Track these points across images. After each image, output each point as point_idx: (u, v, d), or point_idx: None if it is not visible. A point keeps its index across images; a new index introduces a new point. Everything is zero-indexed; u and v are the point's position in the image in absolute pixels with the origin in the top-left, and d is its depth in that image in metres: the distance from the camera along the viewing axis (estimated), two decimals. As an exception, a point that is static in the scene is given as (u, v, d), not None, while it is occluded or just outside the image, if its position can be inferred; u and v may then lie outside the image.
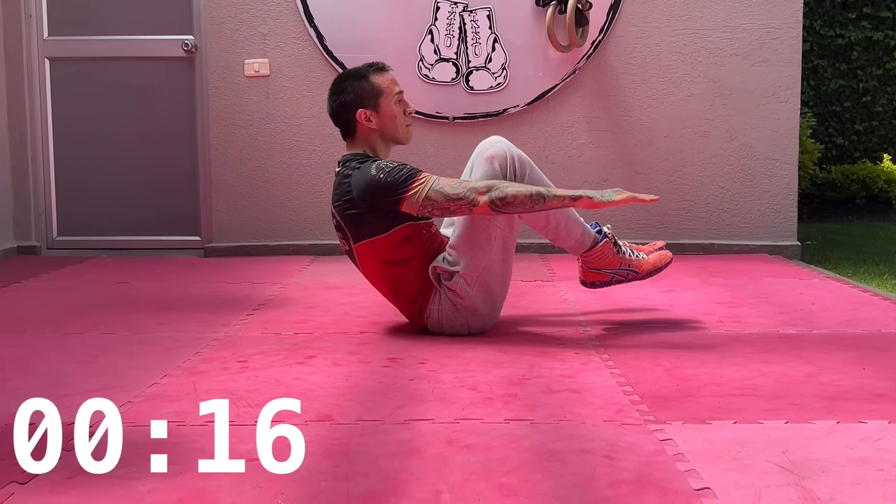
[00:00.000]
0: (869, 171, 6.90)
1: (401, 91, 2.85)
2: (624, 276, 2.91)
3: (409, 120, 2.88)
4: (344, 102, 2.82)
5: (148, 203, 4.88)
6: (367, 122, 2.80)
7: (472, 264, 2.73)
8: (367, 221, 2.72)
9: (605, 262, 2.89)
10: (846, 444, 1.80)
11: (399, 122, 2.84)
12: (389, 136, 2.85)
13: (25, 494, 1.59)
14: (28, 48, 4.79)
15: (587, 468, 1.68)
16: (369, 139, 2.84)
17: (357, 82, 2.82)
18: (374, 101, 2.80)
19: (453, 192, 2.62)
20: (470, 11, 4.61)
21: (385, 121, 2.82)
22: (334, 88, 2.86)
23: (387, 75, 2.85)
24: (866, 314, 3.10)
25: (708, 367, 2.42)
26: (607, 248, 2.89)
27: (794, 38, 4.62)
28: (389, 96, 2.82)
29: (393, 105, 2.82)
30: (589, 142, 4.70)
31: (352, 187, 2.70)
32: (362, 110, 2.79)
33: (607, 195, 2.64)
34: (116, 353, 2.64)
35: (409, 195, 2.63)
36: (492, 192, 2.59)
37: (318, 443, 1.83)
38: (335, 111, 2.85)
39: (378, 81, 2.82)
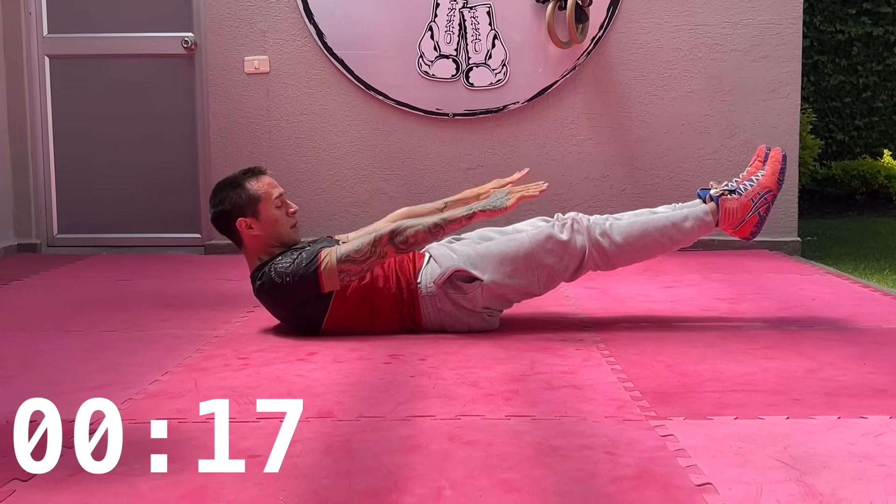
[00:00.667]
0: (869, 166, 6.90)
1: (281, 193, 2.81)
2: (764, 202, 2.82)
3: (293, 220, 2.84)
4: (222, 213, 2.79)
5: (148, 200, 4.88)
6: (248, 229, 2.77)
7: (499, 284, 2.73)
8: (311, 311, 2.73)
9: (738, 214, 2.82)
10: (847, 439, 1.80)
11: (282, 224, 2.79)
12: (276, 240, 2.80)
13: (27, 491, 1.59)
14: (28, 46, 4.79)
15: (588, 464, 1.68)
16: (258, 247, 2.80)
17: (233, 192, 2.77)
18: (253, 208, 2.76)
19: (358, 255, 2.65)
20: (470, 8, 4.60)
21: (267, 226, 2.77)
22: (212, 200, 2.82)
23: (264, 179, 2.81)
24: (867, 310, 3.10)
25: (709, 362, 2.42)
26: (729, 204, 2.81)
27: (795, 34, 4.61)
28: (268, 201, 2.77)
29: (273, 210, 2.77)
30: (589, 138, 4.70)
31: (273, 303, 2.75)
32: (242, 219, 2.76)
33: (498, 202, 2.68)
34: (117, 350, 2.64)
35: (323, 278, 2.65)
36: (395, 240, 2.64)
37: (319, 439, 1.83)
38: (215, 222, 2.83)
39: (254, 188, 2.77)
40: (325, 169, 4.71)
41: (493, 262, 2.74)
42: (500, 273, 2.73)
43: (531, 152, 4.70)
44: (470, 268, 2.73)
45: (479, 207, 2.69)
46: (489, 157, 4.70)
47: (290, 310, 2.74)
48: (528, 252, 2.75)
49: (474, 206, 2.69)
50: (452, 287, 2.74)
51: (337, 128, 4.71)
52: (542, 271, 2.76)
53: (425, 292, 2.75)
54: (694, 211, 2.84)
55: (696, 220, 2.83)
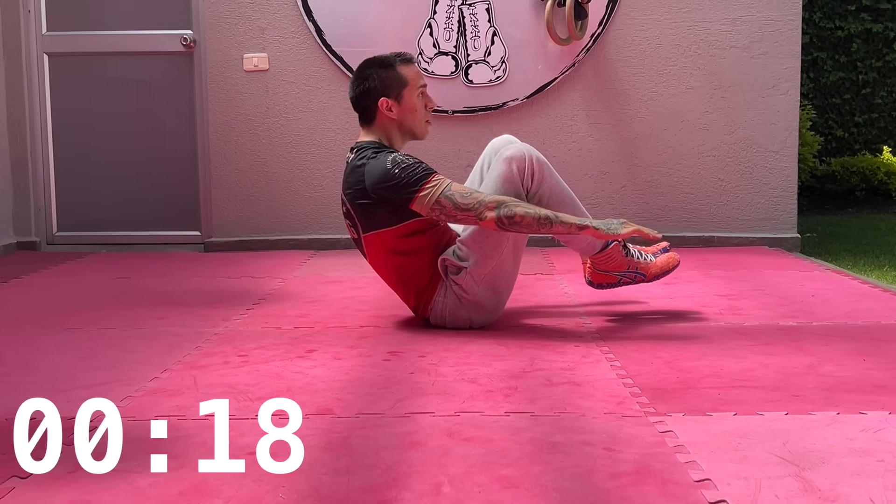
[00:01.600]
0: (869, 163, 6.90)
1: (424, 84, 2.84)
2: (631, 279, 2.92)
3: (429, 115, 2.87)
4: (367, 89, 2.79)
5: (148, 198, 4.88)
6: (388, 111, 2.79)
7: (481, 262, 2.72)
8: (377, 212, 2.71)
9: (613, 264, 2.89)
10: (846, 434, 1.80)
11: (419, 115, 2.83)
12: (408, 129, 2.84)
13: (27, 488, 1.59)
14: (27, 43, 4.78)
15: (588, 460, 1.68)
16: (387, 129, 2.82)
17: (383, 70, 2.80)
18: (398, 91, 2.78)
19: (463, 202, 2.60)
20: (469, 5, 4.60)
21: (406, 112, 2.80)
22: (359, 74, 2.83)
23: (413, 67, 2.84)
24: (866, 306, 3.10)
25: (708, 358, 2.42)
26: (616, 252, 2.88)
27: (794, 31, 4.61)
28: (413, 88, 2.80)
29: (416, 98, 2.80)
30: (588, 135, 4.70)
31: (365, 177, 2.69)
32: (385, 99, 2.77)
33: (613, 227, 2.60)
34: (117, 347, 2.65)
35: (420, 195, 2.62)
36: (500, 209, 2.57)
37: (318, 436, 1.84)
38: (357, 97, 2.83)
39: (404, 72, 2.80)
40: (325, 166, 4.71)
41: (470, 244, 2.71)
42: (479, 252, 2.71)
43: (530, 149, 4.69)
44: (454, 258, 2.74)
45: (594, 223, 2.61)
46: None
47: (372, 196, 2.67)
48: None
49: (590, 221, 2.63)
50: (452, 282, 2.75)
51: (336, 125, 4.71)
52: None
53: (444, 281, 2.78)
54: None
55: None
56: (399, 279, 2.82)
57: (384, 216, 2.70)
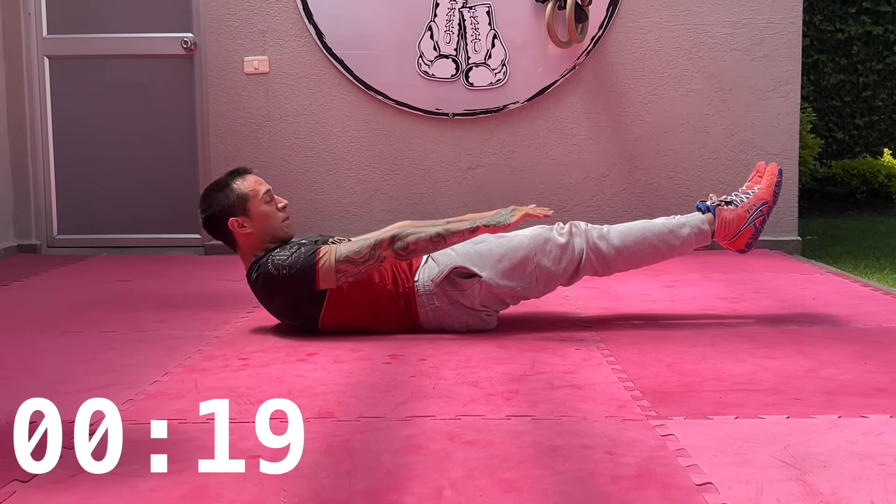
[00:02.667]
0: (869, 165, 6.90)
1: (268, 189, 2.81)
2: (760, 214, 2.85)
3: (285, 214, 2.84)
4: (212, 216, 2.79)
5: (148, 201, 4.88)
6: (241, 228, 2.76)
7: (501, 280, 2.73)
8: (308, 308, 2.73)
9: (734, 225, 2.85)
10: (848, 438, 1.80)
11: (273, 219, 2.80)
12: (269, 237, 2.79)
13: (27, 492, 1.59)
14: (27, 46, 4.79)
15: (589, 464, 1.68)
16: (250, 246, 2.80)
17: (220, 193, 2.78)
18: (243, 207, 2.76)
19: (358, 258, 2.63)
20: (469, 7, 4.60)
21: (259, 223, 2.77)
22: (202, 204, 2.83)
23: (249, 178, 2.81)
24: (867, 309, 3.10)
25: (709, 362, 2.42)
26: (725, 215, 2.85)
27: (794, 33, 4.61)
28: (256, 198, 2.77)
29: (263, 206, 2.77)
30: (589, 137, 4.70)
31: (268, 295, 2.74)
32: (233, 219, 2.75)
33: (502, 218, 2.68)
34: (117, 350, 2.64)
35: (320, 275, 2.65)
36: (395, 245, 2.64)
37: (319, 440, 1.83)
38: (207, 226, 2.83)
39: (241, 187, 2.78)
40: (325, 169, 4.71)
41: (492, 260, 2.74)
42: (498, 271, 2.73)
43: (531, 152, 4.70)
44: (469, 264, 2.74)
45: (483, 222, 2.68)
46: (489, 157, 4.70)
47: (287, 304, 2.74)
48: (526, 252, 2.76)
49: (478, 220, 2.70)
50: (451, 285, 2.74)
51: (336, 128, 4.71)
52: (540, 273, 2.77)
53: (422, 291, 2.76)
54: (691, 219, 2.87)
55: (693, 227, 2.85)
56: (377, 324, 2.79)
57: (313, 304, 2.72)
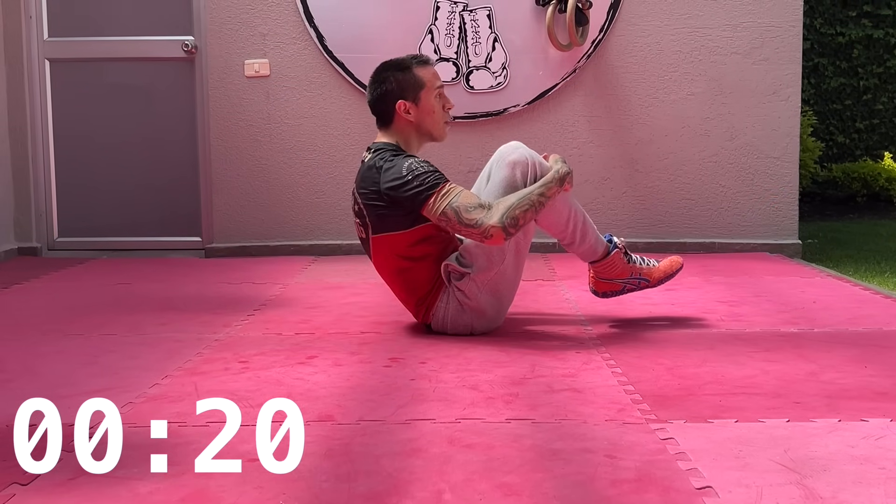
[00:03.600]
0: (870, 169, 6.90)
1: (441, 86, 2.84)
2: (635, 285, 2.93)
3: (447, 116, 2.87)
4: (385, 92, 2.79)
5: (149, 204, 4.88)
6: (405, 113, 2.78)
7: (484, 268, 2.72)
8: (388, 216, 2.71)
9: (615, 272, 2.90)
10: (848, 442, 1.80)
11: (437, 117, 2.83)
12: (426, 131, 2.84)
13: (27, 495, 1.59)
14: (28, 49, 4.79)
15: (589, 467, 1.68)
16: (405, 132, 2.82)
17: (400, 73, 2.79)
18: (415, 93, 2.78)
19: (467, 217, 2.58)
20: (470, 11, 4.61)
21: (424, 115, 2.80)
22: (375, 77, 2.83)
23: (430, 69, 2.83)
24: (867, 312, 3.10)
25: (709, 365, 2.42)
26: (618, 259, 2.89)
27: (795, 37, 4.61)
28: (430, 90, 2.80)
29: (433, 99, 2.80)
30: (589, 141, 4.70)
31: (380, 179, 2.68)
32: (402, 101, 2.77)
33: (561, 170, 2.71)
34: (118, 353, 2.64)
35: (430, 203, 2.62)
36: (505, 221, 2.56)
37: (319, 443, 1.83)
38: (375, 100, 2.82)
39: (420, 74, 2.79)
40: (326, 172, 4.71)
41: (473, 250, 2.72)
42: (482, 258, 2.71)
43: (531, 155, 4.69)
44: (456, 264, 2.74)
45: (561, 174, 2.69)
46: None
47: (385, 199, 2.68)
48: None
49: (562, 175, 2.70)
50: (455, 287, 2.75)
51: (337, 131, 4.71)
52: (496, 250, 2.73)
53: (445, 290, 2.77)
54: (599, 236, 2.89)
55: (596, 242, 2.87)
56: (403, 284, 2.82)
57: (395, 220, 2.71)
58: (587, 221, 2.86)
